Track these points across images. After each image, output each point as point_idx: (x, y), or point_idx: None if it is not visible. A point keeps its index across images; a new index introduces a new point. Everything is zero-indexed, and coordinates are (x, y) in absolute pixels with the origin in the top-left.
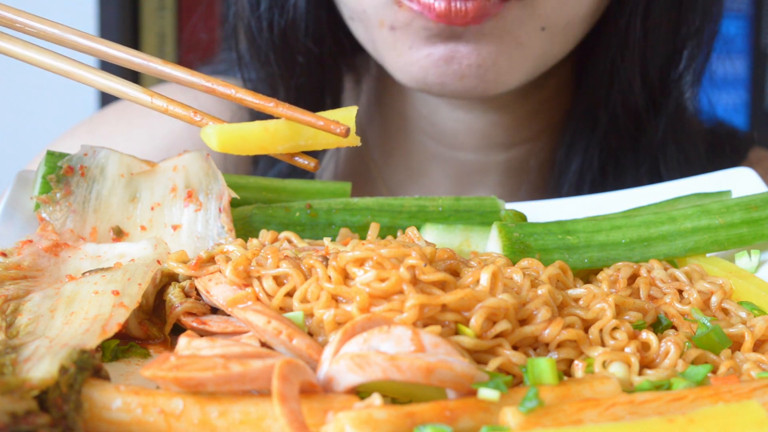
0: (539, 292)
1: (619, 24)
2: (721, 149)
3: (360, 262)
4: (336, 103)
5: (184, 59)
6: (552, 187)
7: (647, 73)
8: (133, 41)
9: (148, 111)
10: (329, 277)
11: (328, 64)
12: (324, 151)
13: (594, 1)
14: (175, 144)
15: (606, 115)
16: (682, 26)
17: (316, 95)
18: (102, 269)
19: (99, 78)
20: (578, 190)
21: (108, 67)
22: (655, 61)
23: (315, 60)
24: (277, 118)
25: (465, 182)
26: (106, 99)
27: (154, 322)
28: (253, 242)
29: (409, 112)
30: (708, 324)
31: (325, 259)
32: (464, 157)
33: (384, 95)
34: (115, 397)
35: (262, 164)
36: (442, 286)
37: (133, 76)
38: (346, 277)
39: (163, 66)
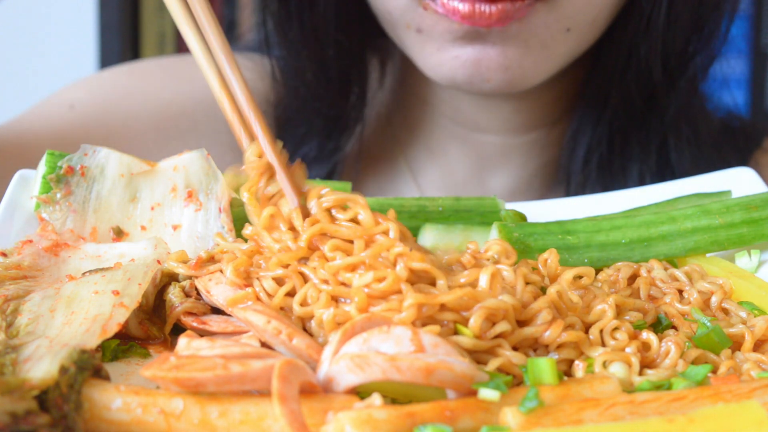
0: (552, 290)
1: (643, 10)
2: (732, 135)
3: (351, 269)
4: (362, 93)
5: None
6: (564, 166)
7: (668, 57)
8: (133, 41)
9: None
10: (326, 281)
11: (355, 52)
12: (347, 131)
13: None
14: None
15: (618, 95)
16: (701, 10)
17: (343, 84)
18: (102, 269)
19: None
20: (586, 164)
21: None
22: (676, 45)
23: (345, 51)
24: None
25: (484, 163)
26: None
27: (154, 322)
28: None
29: (431, 96)
30: (708, 324)
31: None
32: (484, 139)
33: (408, 78)
34: (115, 397)
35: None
36: (432, 281)
37: None
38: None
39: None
